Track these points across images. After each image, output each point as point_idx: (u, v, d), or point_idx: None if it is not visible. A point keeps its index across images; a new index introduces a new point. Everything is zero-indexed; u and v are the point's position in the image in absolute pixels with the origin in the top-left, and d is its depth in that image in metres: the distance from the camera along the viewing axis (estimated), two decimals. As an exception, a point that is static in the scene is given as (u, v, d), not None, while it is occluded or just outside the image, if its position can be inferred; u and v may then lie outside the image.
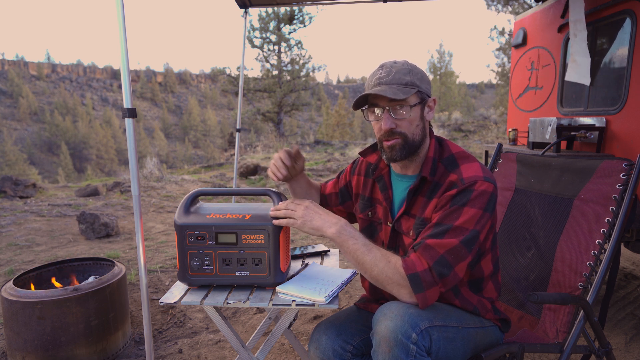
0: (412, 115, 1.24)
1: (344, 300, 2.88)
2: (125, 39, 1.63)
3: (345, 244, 1.19)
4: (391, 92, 1.19)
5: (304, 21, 20.55)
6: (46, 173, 51.33)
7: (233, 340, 1.41)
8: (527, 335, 1.52)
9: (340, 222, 1.22)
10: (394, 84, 1.21)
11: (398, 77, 1.22)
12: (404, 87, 1.21)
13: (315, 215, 1.24)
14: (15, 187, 6.53)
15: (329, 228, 1.21)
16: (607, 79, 2.86)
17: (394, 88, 1.20)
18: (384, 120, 1.23)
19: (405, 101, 1.22)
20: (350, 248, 1.19)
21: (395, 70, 1.23)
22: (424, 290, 1.11)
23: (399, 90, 1.20)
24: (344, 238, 1.19)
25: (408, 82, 1.22)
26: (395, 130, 1.24)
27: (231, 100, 67.70)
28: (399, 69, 1.23)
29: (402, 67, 1.24)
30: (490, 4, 17.31)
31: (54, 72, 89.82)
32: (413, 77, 1.23)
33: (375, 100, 1.24)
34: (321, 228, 1.22)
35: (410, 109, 1.23)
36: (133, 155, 1.66)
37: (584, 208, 1.58)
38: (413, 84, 1.22)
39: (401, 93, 1.19)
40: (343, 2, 4.31)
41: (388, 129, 1.23)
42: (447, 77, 37.25)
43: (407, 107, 1.23)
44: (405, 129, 1.24)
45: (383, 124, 1.24)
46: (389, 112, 1.23)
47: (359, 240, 1.19)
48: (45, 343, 1.98)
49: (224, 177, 9.16)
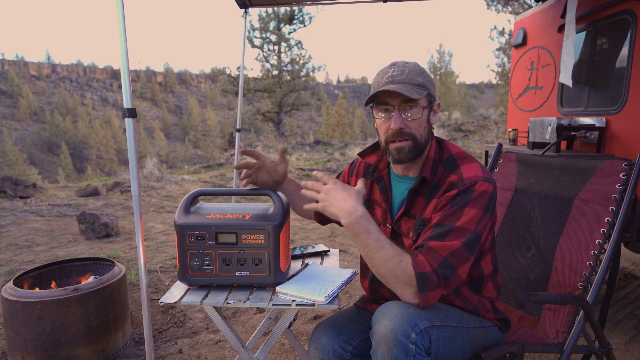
0: (422, 117, 1.23)
1: (344, 300, 2.88)
2: (125, 39, 1.63)
3: (357, 237, 1.15)
4: (407, 90, 1.17)
5: (304, 21, 20.55)
6: (46, 173, 51.31)
7: (233, 340, 1.41)
8: (527, 335, 1.52)
9: (355, 212, 1.14)
10: (407, 83, 1.20)
11: (411, 77, 1.21)
12: (417, 87, 1.20)
13: (334, 201, 1.17)
14: (15, 187, 6.53)
15: (343, 218, 1.15)
16: (607, 79, 2.86)
17: (408, 87, 1.19)
18: (395, 119, 1.22)
19: (418, 102, 1.21)
20: (362, 242, 1.15)
21: (409, 70, 1.22)
22: (428, 290, 1.10)
23: (413, 90, 1.19)
24: (356, 231, 1.14)
25: (420, 84, 1.21)
26: (405, 130, 1.22)
27: (231, 100, 67.63)
28: (412, 69, 1.22)
29: (414, 67, 1.23)
30: (490, 4, 17.30)
31: (54, 72, 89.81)
32: (424, 79, 1.23)
33: (387, 99, 1.22)
34: (336, 216, 1.17)
35: (422, 110, 1.22)
36: (133, 155, 1.66)
37: (584, 208, 1.58)
38: (424, 86, 1.22)
39: (416, 93, 1.18)
40: (343, 2, 4.31)
41: (398, 129, 1.22)
42: (447, 77, 37.21)
43: (419, 108, 1.22)
44: (414, 131, 1.23)
45: (393, 123, 1.22)
46: (399, 111, 1.22)
47: (372, 235, 1.13)
48: (45, 343, 1.98)
49: (224, 177, 9.16)
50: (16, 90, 73.31)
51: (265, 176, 1.51)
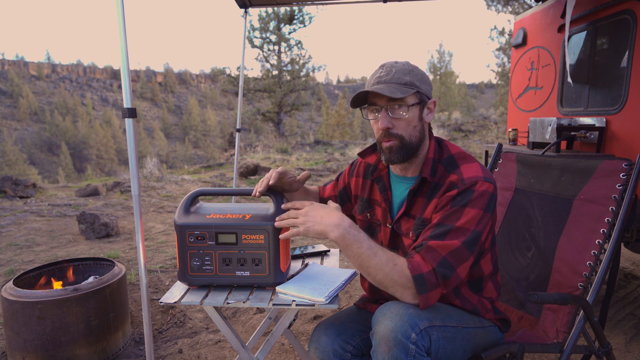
0: (409, 116, 1.23)
1: (344, 300, 2.88)
2: (125, 39, 1.63)
3: (349, 248, 1.15)
4: (389, 90, 1.18)
5: (304, 21, 20.56)
6: (46, 173, 51.31)
7: (233, 340, 1.41)
8: (527, 335, 1.52)
9: (342, 224, 1.16)
10: (393, 83, 1.21)
11: (397, 76, 1.22)
12: (403, 86, 1.21)
13: (317, 219, 1.18)
14: (15, 187, 6.53)
15: (331, 232, 1.16)
16: (607, 79, 2.86)
17: (392, 87, 1.20)
18: (381, 119, 1.23)
19: (403, 101, 1.21)
20: (353, 252, 1.15)
21: (396, 70, 1.23)
22: (427, 291, 1.10)
23: (397, 89, 1.20)
24: (347, 242, 1.15)
25: (407, 82, 1.22)
26: (392, 131, 1.23)
27: (231, 100, 67.67)
28: (399, 69, 1.23)
29: (403, 67, 1.24)
30: (490, 4, 17.31)
31: (54, 72, 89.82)
32: (413, 77, 1.23)
33: (374, 99, 1.24)
34: (324, 233, 1.17)
35: (408, 109, 1.22)
36: (133, 155, 1.66)
37: (584, 208, 1.58)
38: (412, 84, 1.22)
39: (399, 92, 1.19)
40: (343, 2, 4.31)
41: (384, 128, 1.23)
42: (447, 77, 37.24)
43: (405, 107, 1.22)
44: (401, 131, 1.23)
45: (380, 122, 1.23)
46: (386, 111, 1.23)
47: (363, 243, 1.14)
48: (45, 343, 1.98)
49: (224, 177, 9.16)
50: (16, 90, 73.33)
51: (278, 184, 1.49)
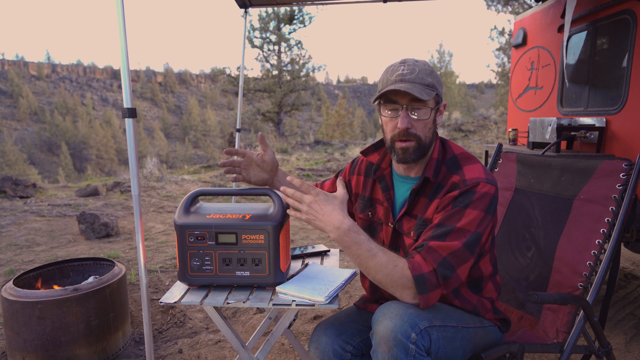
0: (429, 118, 1.22)
1: (344, 300, 2.88)
2: (125, 39, 1.63)
3: (348, 249, 1.16)
4: (417, 90, 1.16)
5: (304, 21, 20.56)
6: (46, 173, 51.28)
7: (233, 340, 1.41)
8: (527, 335, 1.52)
9: (342, 225, 1.14)
10: (417, 83, 1.19)
11: (421, 76, 1.19)
12: (427, 88, 1.19)
13: (319, 215, 1.17)
14: (15, 187, 6.53)
15: (330, 232, 1.16)
16: (607, 79, 2.86)
17: (418, 87, 1.18)
18: (402, 119, 1.20)
19: (426, 103, 1.20)
20: (353, 253, 1.15)
21: (419, 69, 1.20)
22: (428, 292, 1.10)
23: (422, 90, 1.18)
24: (346, 244, 1.15)
25: (430, 84, 1.20)
26: (411, 131, 1.21)
27: (231, 100, 67.61)
28: (422, 69, 1.21)
29: (424, 67, 1.22)
30: (490, 4, 17.31)
31: (54, 72, 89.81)
32: (434, 79, 1.21)
33: (395, 97, 1.21)
34: (323, 229, 1.18)
35: (430, 112, 1.22)
36: (133, 155, 1.66)
37: (584, 208, 1.58)
38: (434, 87, 1.21)
39: (425, 94, 1.17)
40: (343, 2, 4.31)
41: (404, 129, 1.20)
42: (447, 77, 37.24)
43: (427, 109, 1.21)
44: (419, 132, 1.22)
45: (400, 122, 1.20)
46: (407, 110, 1.20)
47: (362, 245, 1.14)
48: (45, 343, 1.98)
49: (224, 177, 9.15)
50: (16, 90, 73.31)
51: (257, 171, 1.51)
